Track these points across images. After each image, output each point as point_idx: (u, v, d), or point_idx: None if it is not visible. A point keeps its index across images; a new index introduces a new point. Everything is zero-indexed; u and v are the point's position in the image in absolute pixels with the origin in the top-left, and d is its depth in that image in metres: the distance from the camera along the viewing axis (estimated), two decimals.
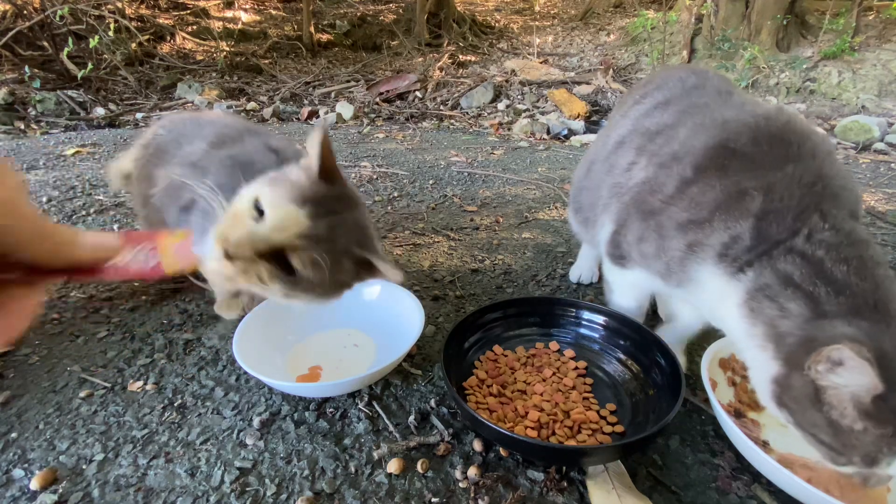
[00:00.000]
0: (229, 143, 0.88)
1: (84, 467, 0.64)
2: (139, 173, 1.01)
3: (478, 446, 0.68)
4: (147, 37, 4.60)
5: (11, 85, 3.42)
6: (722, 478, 0.64)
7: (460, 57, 5.28)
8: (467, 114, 3.85)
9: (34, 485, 0.61)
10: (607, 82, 4.13)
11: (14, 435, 0.69)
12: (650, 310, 0.95)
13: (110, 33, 3.98)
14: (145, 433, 0.70)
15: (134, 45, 4.29)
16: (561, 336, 0.88)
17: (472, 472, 0.63)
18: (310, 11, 5.53)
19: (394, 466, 0.64)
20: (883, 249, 1.38)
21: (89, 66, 3.68)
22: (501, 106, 3.95)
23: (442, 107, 3.99)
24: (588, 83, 4.20)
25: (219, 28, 5.39)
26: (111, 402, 0.76)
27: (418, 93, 4.26)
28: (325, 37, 5.87)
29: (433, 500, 0.60)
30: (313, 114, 3.67)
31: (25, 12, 3.87)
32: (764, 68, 4.04)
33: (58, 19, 3.76)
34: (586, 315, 0.88)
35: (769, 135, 0.63)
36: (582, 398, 0.75)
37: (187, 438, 0.69)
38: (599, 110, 3.75)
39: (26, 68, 3.54)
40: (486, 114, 3.85)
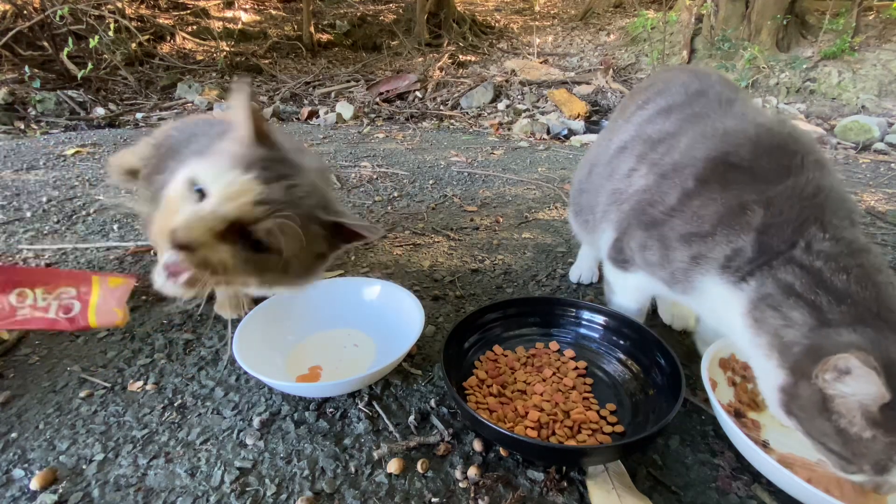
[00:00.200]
0: None
1: (84, 467, 0.64)
2: (149, 172, 1.00)
3: (478, 446, 0.68)
4: (147, 37, 4.60)
5: (11, 85, 3.42)
6: (722, 478, 0.64)
7: (460, 57, 5.28)
8: (467, 114, 3.85)
9: (34, 485, 0.61)
10: (607, 82, 4.13)
11: (14, 435, 0.69)
12: (650, 310, 0.95)
13: (110, 33, 3.98)
14: (145, 433, 0.70)
15: (134, 45, 4.29)
16: (561, 336, 0.88)
17: (472, 472, 0.63)
18: (310, 11, 5.53)
19: (394, 466, 0.64)
20: (883, 249, 1.37)
21: (89, 66, 3.68)
22: (501, 106, 3.95)
23: (442, 107, 3.98)
24: (588, 83, 4.20)
25: (219, 28, 5.39)
26: (111, 402, 0.76)
27: (418, 93, 4.25)
28: (325, 37, 5.87)
29: (433, 500, 0.60)
30: (313, 114, 3.67)
31: (25, 12, 3.87)
32: (764, 68, 4.03)
33: (58, 19, 3.76)
34: (586, 315, 0.88)
35: (770, 147, 0.63)
36: (582, 398, 0.75)
37: (187, 438, 0.69)
38: (599, 110, 3.75)
39: (26, 68, 3.54)
40: (486, 114, 3.85)
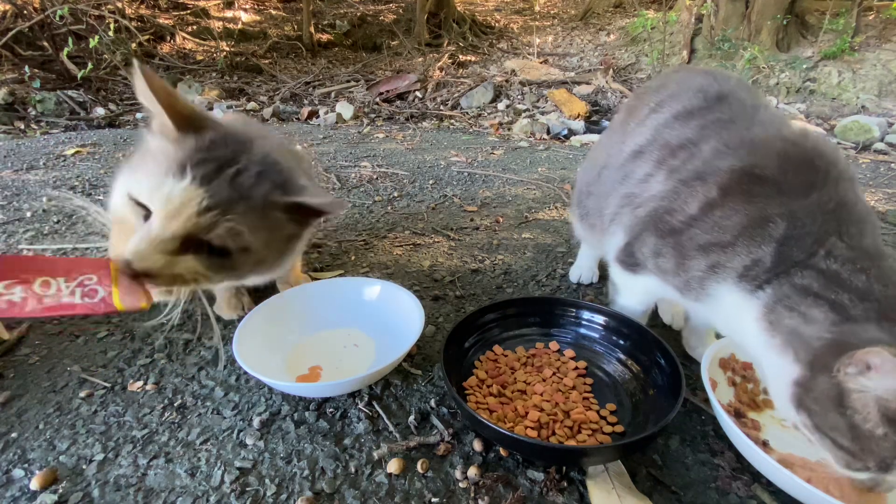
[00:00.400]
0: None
1: (84, 467, 0.64)
2: None
3: (478, 446, 0.68)
4: (147, 37, 4.60)
5: (11, 85, 3.42)
6: (722, 478, 0.64)
7: (460, 57, 5.28)
8: (467, 114, 3.84)
9: (34, 485, 0.61)
10: (607, 82, 4.13)
11: (14, 435, 0.69)
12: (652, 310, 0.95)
13: (110, 33, 3.98)
14: (145, 433, 0.70)
15: (134, 45, 4.29)
16: (561, 336, 0.88)
17: (472, 472, 0.63)
18: (310, 11, 5.54)
19: (394, 466, 0.64)
20: None
21: (89, 66, 3.68)
22: (501, 106, 3.95)
23: (442, 107, 3.98)
24: (588, 83, 4.20)
25: (219, 28, 5.39)
26: (111, 402, 0.76)
27: (418, 93, 4.25)
28: (325, 37, 5.87)
29: (433, 500, 0.60)
30: (313, 114, 3.67)
31: (25, 12, 3.87)
32: (764, 68, 4.04)
33: (58, 19, 3.76)
34: (586, 315, 0.88)
35: (796, 161, 0.63)
36: (582, 398, 0.75)
37: (187, 438, 0.69)
38: (599, 110, 3.75)
39: (26, 68, 3.54)
40: (486, 114, 3.85)
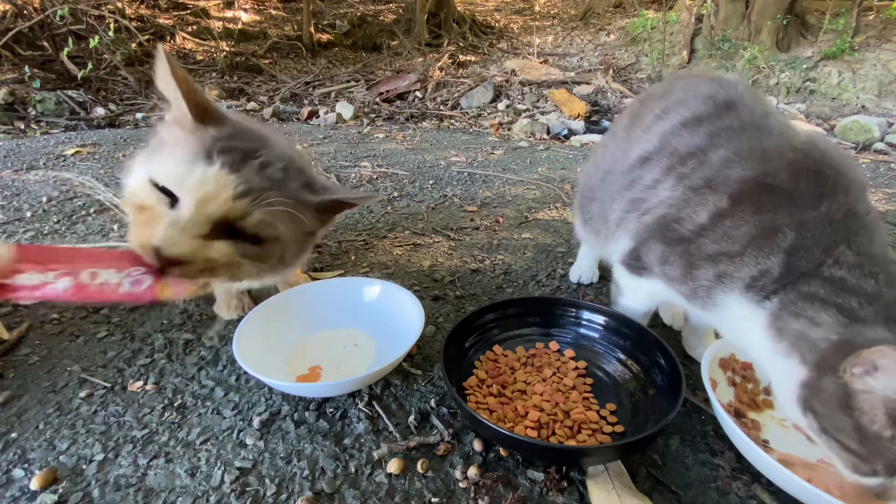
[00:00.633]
0: None
1: (84, 467, 0.64)
2: None
3: (478, 446, 0.68)
4: (147, 37, 4.59)
5: (11, 85, 3.42)
6: (722, 478, 0.64)
7: (460, 57, 5.28)
8: (467, 114, 3.84)
9: (34, 485, 0.61)
10: (607, 82, 4.13)
11: (14, 435, 0.69)
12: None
13: (110, 33, 3.98)
14: (145, 433, 0.70)
15: (134, 45, 4.29)
16: (561, 336, 0.88)
17: (472, 472, 0.63)
18: (310, 11, 5.53)
19: (394, 466, 0.64)
20: None
21: (89, 66, 3.68)
22: (501, 106, 3.95)
23: (442, 107, 3.98)
24: (588, 83, 4.20)
25: (219, 28, 5.39)
26: (111, 402, 0.76)
27: (418, 93, 4.25)
28: (325, 37, 5.87)
29: (433, 500, 0.60)
30: (313, 114, 3.67)
31: (25, 12, 3.87)
32: (764, 68, 4.04)
33: (58, 19, 3.76)
34: (586, 315, 0.88)
35: (806, 170, 0.63)
36: (582, 398, 0.75)
37: (187, 438, 0.69)
38: (599, 110, 3.74)
39: (26, 68, 3.53)
40: (486, 114, 3.85)
